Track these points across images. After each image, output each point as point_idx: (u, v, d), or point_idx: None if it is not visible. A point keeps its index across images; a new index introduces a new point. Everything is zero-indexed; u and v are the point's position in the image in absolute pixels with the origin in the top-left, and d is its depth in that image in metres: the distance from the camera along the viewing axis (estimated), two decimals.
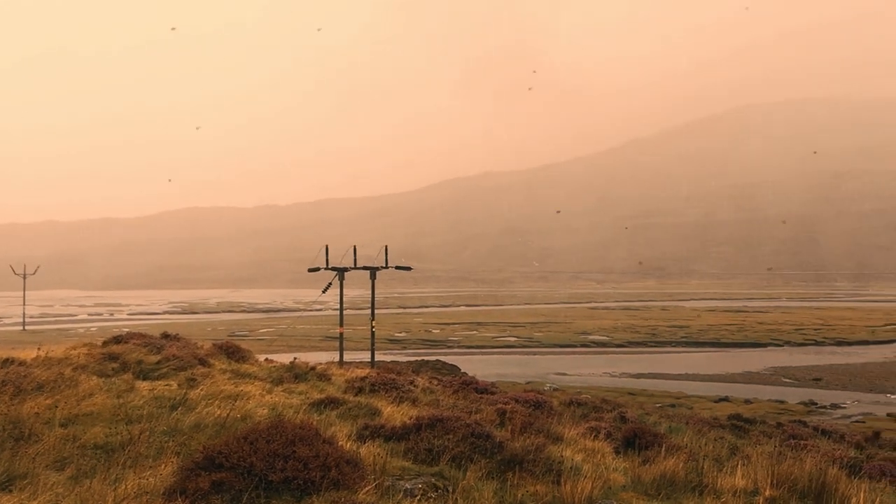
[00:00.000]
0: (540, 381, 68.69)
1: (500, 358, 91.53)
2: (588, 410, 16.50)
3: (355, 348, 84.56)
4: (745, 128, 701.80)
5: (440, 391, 15.74)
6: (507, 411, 12.28)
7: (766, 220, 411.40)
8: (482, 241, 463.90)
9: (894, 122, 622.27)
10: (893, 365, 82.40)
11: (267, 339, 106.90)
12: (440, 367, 64.25)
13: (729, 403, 57.00)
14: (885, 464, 13.25)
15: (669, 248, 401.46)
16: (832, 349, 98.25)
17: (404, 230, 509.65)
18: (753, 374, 77.24)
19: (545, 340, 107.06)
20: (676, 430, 14.60)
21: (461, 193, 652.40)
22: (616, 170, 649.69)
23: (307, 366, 16.55)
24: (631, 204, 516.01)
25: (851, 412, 56.61)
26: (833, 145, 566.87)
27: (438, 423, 10.37)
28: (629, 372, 79.18)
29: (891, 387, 69.00)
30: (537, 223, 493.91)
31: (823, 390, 67.36)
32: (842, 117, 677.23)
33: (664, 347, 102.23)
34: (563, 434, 11.72)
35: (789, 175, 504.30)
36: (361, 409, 11.89)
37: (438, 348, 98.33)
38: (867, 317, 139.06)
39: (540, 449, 9.74)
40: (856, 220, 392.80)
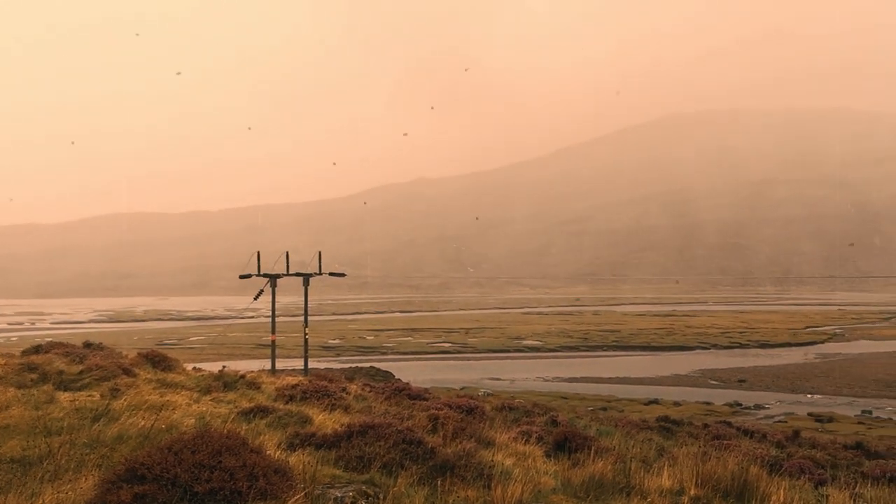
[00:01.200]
0: (474, 386, 68.95)
1: (434, 364, 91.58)
2: (520, 415, 16.62)
3: (288, 356, 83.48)
4: (674, 137, 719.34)
5: (373, 398, 15.64)
6: (439, 417, 12.27)
7: (695, 227, 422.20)
8: (417, 247, 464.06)
9: (815, 133, 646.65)
10: (813, 366, 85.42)
11: (197, 347, 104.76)
12: (374, 374, 63.95)
13: (659, 406, 58.23)
14: (804, 462, 13.71)
15: (602, 254, 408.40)
16: (756, 352, 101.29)
17: (339, 236, 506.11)
18: (682, 377, 79.08)
19: (480, 346, 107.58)
20: (606, 432, 14.82)
21: (396, 199, 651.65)
22: (550, 177, 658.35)
23: (237, 374, 16.25)
24: (564, 210, 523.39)
25: (774, 412, 58.45)
26: (758, 154, 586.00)
27: (370, 430, 10.31)
28: (562, 376, 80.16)
29: (811, 387, 71.51)
30: (472, 229, 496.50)
31: (748, 391, 69.39)
32: (766, 127, 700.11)
33: (596, 352, 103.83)
34: (495, 439, 11.77)
35: (717, 183, 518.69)
36: (292, 417, 11.73)
37: (373, 355, 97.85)
38: (789, 320, 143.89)
39: (471, 454, 9.76)
40: (779, 227, 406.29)
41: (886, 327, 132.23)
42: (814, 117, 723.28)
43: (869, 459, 18.21)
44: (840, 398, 65.85)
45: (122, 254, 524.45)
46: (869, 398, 65.55)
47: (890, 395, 66.77)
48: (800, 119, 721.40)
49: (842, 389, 70.09)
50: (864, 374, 78.52)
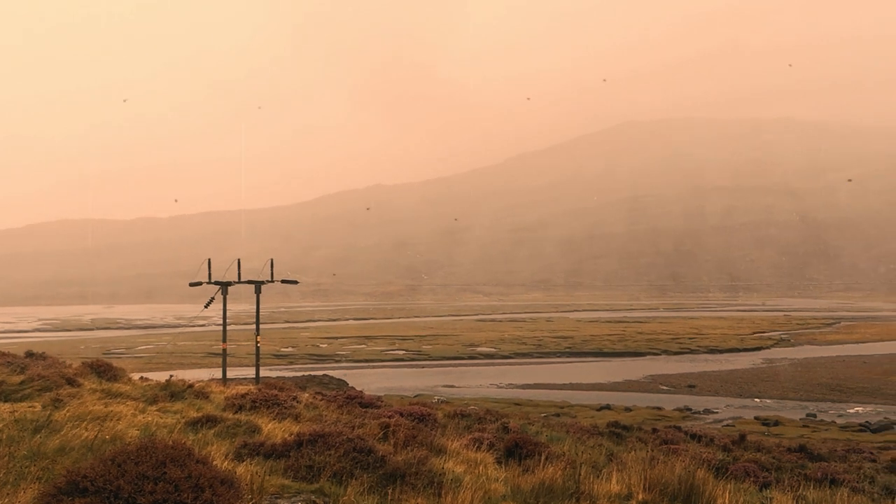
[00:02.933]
0: (428, 393, 68.89)
1: (388, 371, 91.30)
2: (472, 422, 16.64)
3: (240, 364, 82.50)
4: (628, 145, 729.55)
5: (324, 406, 15.52)
6: (390, 425, 12.23)
7: (648, 234, 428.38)
8: (371, 254, 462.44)
9: (763, 143, 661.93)
10: (760, 371, 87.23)
11: (145, 356, 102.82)
12: (327, 382, 63.52)
13: (610, 411, 58.84)
14: (750, 465, 13.97)
15: (556, 261, 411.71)
16: (705, 357, 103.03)
17: (292, 243, 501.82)
18: (633, 383, 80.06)
19: (434, 353, 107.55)
20: (557, 438, 14.92)
21: (351, 206, 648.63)
22: (505, 184, 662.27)
23: (184, 384, 15.99)
24: (519, 217, 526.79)
25: (723, 416, 59.52)
26: (710, 163, 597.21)
27: (320, 439, 10.23)
28: (516, 383, 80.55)
29: (758, 391, 72.99)
30: (427, 236, 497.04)
31: (697, 396, 70.52)
32: (717, 137, 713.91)
33: (550, 358, 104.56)
34: (447, 446, 11.77)
35: (670, 191, 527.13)
36: (240, 426, 11.58)
37: (326, 363, 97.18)
38: (737, 326, 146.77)
39: (422, 462, 9.75)
40: (729, 235, 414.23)
41: (830, 332, 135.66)
42: (762, 128, 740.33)
43: (812, 462, 18.64)
44: (786, 402, 67.31)
45: (69, 261, 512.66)
46: (813, 402, 67.13)
47: (833, 399, 68.47)
48: (749, 129, 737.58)
49: (787, 393, 71.65)
50: (809, 378, 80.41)
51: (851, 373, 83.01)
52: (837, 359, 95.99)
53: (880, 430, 51.48)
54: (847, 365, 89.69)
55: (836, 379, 79.06)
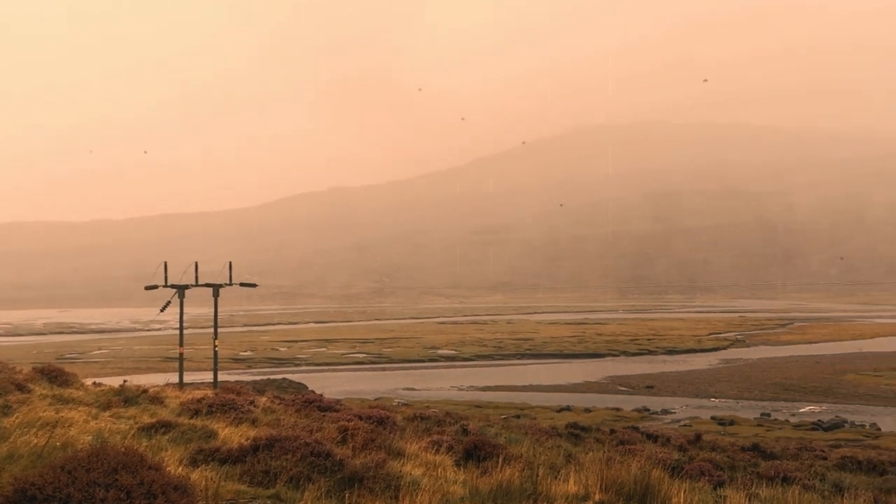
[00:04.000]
0: (389, 396, 68.75)
1: (349, 375, 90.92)
2: (431, 424, 16.64)
3: (198, 369, 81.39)
4: (588, 148, 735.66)
5: (282, 410, 15.39)
6: (349, 428, 12.17)
7: (607, 237, 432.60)
8: (331, 257, 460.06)
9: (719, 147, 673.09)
10: (717, 371, 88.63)
11: (100, 361, 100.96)
12: (286, 386, 63.02)
13: (570, 412, 59.28)
14: (705, 464, 14.19)
15: (517, 264, 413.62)
16: (663, 358, 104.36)
17: (251, 246, 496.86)
18: (593, 384, 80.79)
19: (394, 356, 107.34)
20: (516, 440, 14.99)
21: (313, 209, 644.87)
22: (466, 186, 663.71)
23: (139, 388, 15.73)
24: (480, 220, 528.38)
25: (680, 416, 60.36)
26: (668, 167, 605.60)
27: (277, 444, 10.15)
28: (477, 385, 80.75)
29: (714, 391, 74.17)
30: (389, 239, 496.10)
31: (656, 397, 71.41)
32: (675, 141, 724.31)
33: (510, 360, 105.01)
34: (405, 449, 11.75)
35: (629, 194, 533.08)
36: (196, 432, 11.43)
37: (285, 366, 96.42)
38: (694, 327, 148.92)
39: (380, 465, 9.72)
40: (687, 238, 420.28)
41: (784, 333, 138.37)
42: (718, 132, 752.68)
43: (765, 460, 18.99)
44: (741, 401, 68.48)
45: (22, 264, 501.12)
46: (768, 401, 68.40)
47: (787, 398, 69.83)
48: (706, 134, 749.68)
49: (743, 393, 72.91)
50: (764, 378, 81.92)
51: (804, 373, 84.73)
52: (791, 359, 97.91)
53: (832, 428, 52.64)
54: (800, 365, 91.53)
55: (790, 379, 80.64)
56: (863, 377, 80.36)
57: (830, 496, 11.99)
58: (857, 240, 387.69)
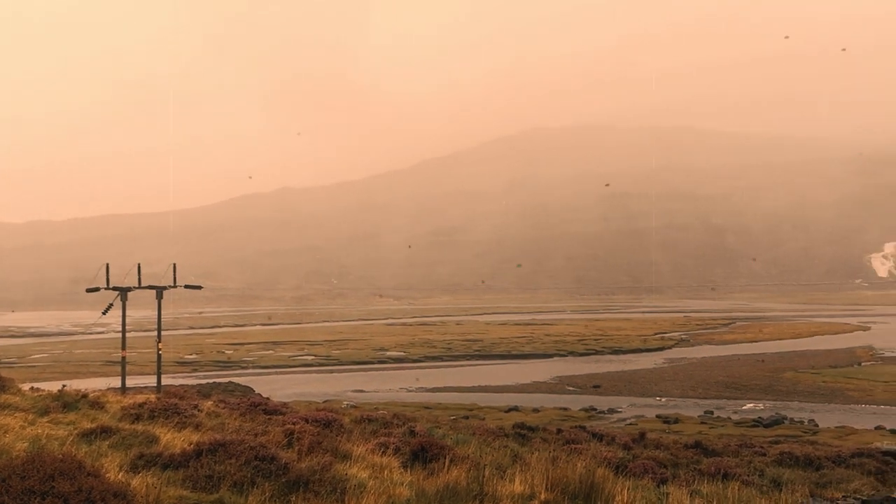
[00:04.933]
0: (337, 398, 68.37)
1: (297, 377, 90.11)
2: (379, 426, 16.59)
3: (141, 373, 79.79)
4: (537, 150, 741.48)
5: (227, 414, 15.19)
6: (295, 431, 12.08)
7: (556, 239, 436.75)
8: (279, 258, 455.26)
9: (665, 150, 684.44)
10: (662, 371, 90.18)
11: (39, 365, 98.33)
12: (232, 389, 62.21)
13: (518, 413, 59.67)
14: (648, 462, 14.43)
15: (466, 265, 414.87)
16: (610, 358, 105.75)
17: (196, 247, 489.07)
18: (541, 384, 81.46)
19: (343, 358, 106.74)
20: (463, 440, 15.04)
21: (258, 209, 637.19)
22: (415, 187, 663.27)
23: (78, 393, 15.35)
24: (429, 221, 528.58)
25: (626, 415, 61.24)
26: (615, 169, 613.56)
27: (221, 448, 10.03)
28: (426, 386, 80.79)
29: (659, 390, 75.44)
30: (337, 240, 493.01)
31: (603, 396, 72.33)
32: (622, 143, 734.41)
33: (459, 361, 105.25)
34: (352, 451, 11.71)
35: (577, 195, 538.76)
36: (137, 437, 11.23)
37: (232, 370, 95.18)
38: (640, 327, 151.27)
39: (326, 468, 9.68)
40: (634, 239, 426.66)
41: (726, 332, 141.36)
42: (664, 135, 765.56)
43: (707, 457, 19.38)
44: (686, 400, 69.79)
45: None
46: (711, 399, 69.82)
47: (729, 396, 71.39)
48: (652, 136, 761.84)
49: (687, 392, 74.31)
50: (707, 376, 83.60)
51: (746, 371, 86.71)
52: (733, 358, 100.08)
53: (772, 424, 53.99)
54: (742, 363, 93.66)
55: (732, 377, 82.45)
56: (801, 375, 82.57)
57: (769, 491, 12.28)
58: (797, 241, 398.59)
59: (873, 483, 15.21)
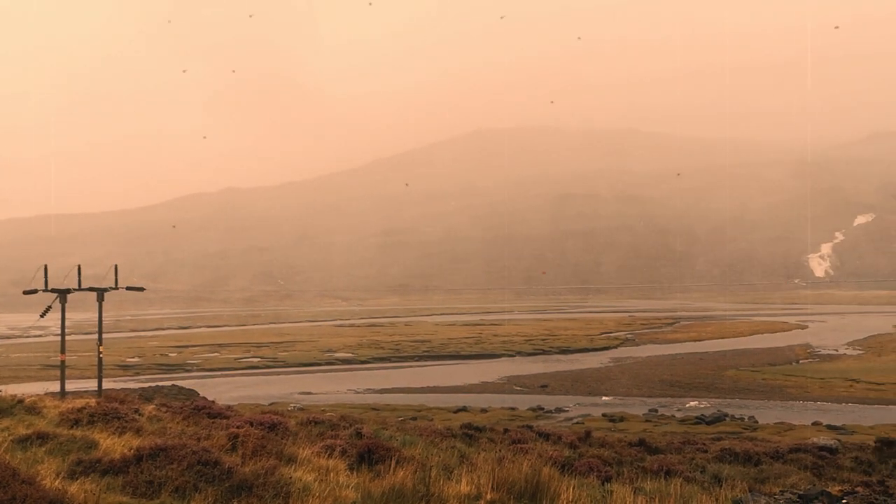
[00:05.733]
0: (285, 401, 67.70)
1: (243, 380, 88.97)
2: (325, 429, 16.46)
3: (81, 377, 77.96)
4: (485, 151, 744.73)
5: (169, 418, 14.91)
6: (239, 435, 11.92)
7: (504, 239, 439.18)
8: (225, 259, 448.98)
9: (610, 152, 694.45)
10: (608, 370, 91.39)
11: None
12: (176, 393, 61.15)
13: (467, 413, 59.85)
14: (593, 460, 14.61)
15: (414, 266, 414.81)
16: (557, 357, 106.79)
17: (139, 248, 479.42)
18: (489, 384, 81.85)
19: (290, 360, 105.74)
20: (410, 442, 15.02)
21: (204, 210, 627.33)
22: (363, 188, 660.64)
23: (14, 398, 14.91)
24: (377, 222, 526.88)
25: (573, 414, 61.91)
26: (562, 171, 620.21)
27: (162, 453, 9.86)
28: (374, 388, 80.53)
29: (605, 389, 76.46)
30: (283, 241, 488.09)
31: (550, 396, 72.98)
32: (568, 146, 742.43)
33: (408, 362, 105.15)
34: (298, 454, 11.61)
35: (524, 196, 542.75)
36: (76, 443, 10.96)
37: (176, 373, 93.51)
38: (587, 327, 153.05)
39: (270, 472, 9.59)
40: (580, 240, 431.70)
41: (671, 331, 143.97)
42: (609, 137, 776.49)
43: (650, 455, 19.70)
44: (631, 398, 70.83)
45: None
46: (656, 397, 71.00)
47: (673, 395, 72.71)
48: (597, 138, 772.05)
49: (632, 390, 75.43)
50: (652, 375, 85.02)
51: (690, 369, 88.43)
52: (677, 356, 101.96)
53: (714, 422, 55.16)
54: (686, 362, 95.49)
55: (676, 376, 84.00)
56: (742, 373, 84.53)
57: (710, 487, 12.54)
58: (739, 242, 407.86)
59: (809, 477, 15.65)
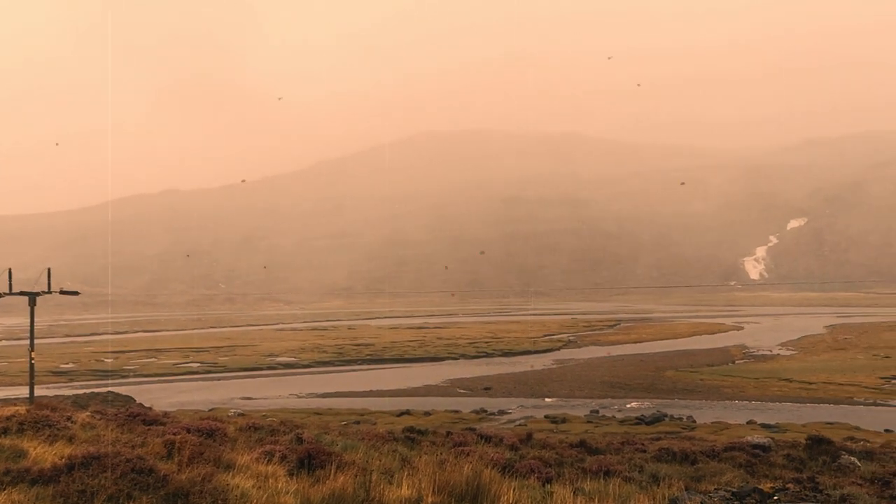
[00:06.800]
0: (225, 406, 66.65)
1: (182, 385, 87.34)
2: (265, 434, 16.24)
3: (11, 384, 75.66)
4: (429, 154, 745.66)
5: (103, 426, 14.53)
6: (175, 442, 11.69)
7: (448, 242, 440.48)
8: (164, 263, 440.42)
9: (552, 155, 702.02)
10: (550, 372, 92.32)
11: None
12: (112, 400, 59.69)
13: (410, 416, 59.77)
14: (535, 462, 14.73)
15: (358, 269, 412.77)
16: (500, 360, 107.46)
17: (74, 251, 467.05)
18: (433, 387, 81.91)
19: (231, 365, 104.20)
20: (352, 446, 14.93)
21: (142, 211, 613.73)
22: (306, 191, 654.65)
23: None
24: (320, 225, 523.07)
25: (516, 416, 62.34)
26: (506, 174, 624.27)
27: (95, 461, 9.62)
28: (316, 392, 79.87)
29: (547, 391, 77.23)
30: (224, 244, 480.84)
31: (493, 398, 73.37)
32: (512, 149, 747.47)
33: (351, 366, 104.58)
34: (236, 461, 11.43)
35: (469, 200, 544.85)
36: (4, 452, 10.64)
37: (112, 379, 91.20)
38: (530, 329, 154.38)
39: (207, 479, 9.43)
40: (523, 243, 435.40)
41: (612, 333, 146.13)
42: (552, 140, 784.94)
43: (591, 455, 19.95)
44: (573, 400, 71.65)
45: None
46: (597, 399, 71.96)
47: (614, 395, 73.79)
48: (538, 142, 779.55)
49: (574, 392, 76.34)
50: (593, 376, 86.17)
51: (630, 371, 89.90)
52: (618, 358, 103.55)
53: (653, 422, 56.17)
54: (626, 363, 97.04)
55: (617, 377, 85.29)
56: (681, 374, 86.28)
57: (648, 486, 12.74)
58: (678, 246, 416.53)
59: (743, 475, 16.04)
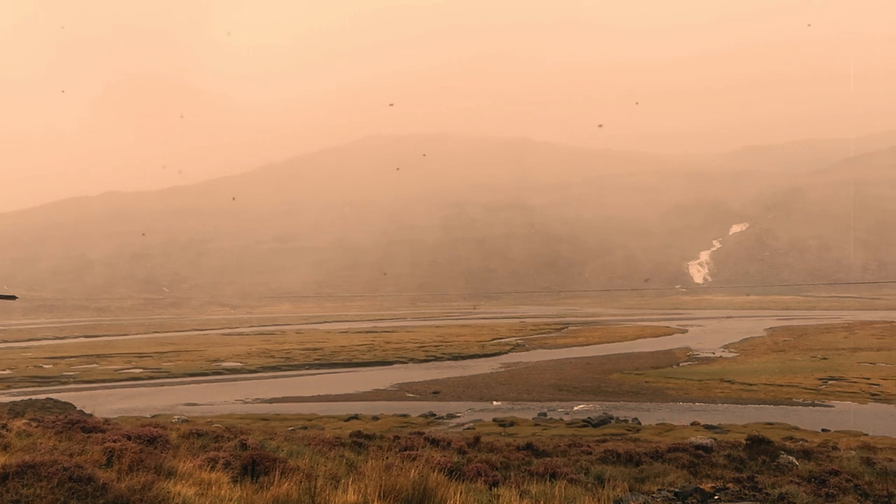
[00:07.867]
0: (168, 413, 65.44)
1: (124, 391, 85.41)
2: (209, 441, 15.97)
3: None
4: (375, 157, 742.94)
5: (40, 433, 14.12)
6: (115, 450, 11.43)
7: (397, 246, 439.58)
8: (105, 266, 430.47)
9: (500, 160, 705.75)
10: (499, 375, 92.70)
11: None
12: (50, 407, 58.08)
13: (358, 421, 59.43)
14: (482, 465, 14.75)
15: (306, 273, 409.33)
16: (449, 364, 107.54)
17: (9, 255, 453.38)
18: (381, 392, 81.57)
19: (175, 370, 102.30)
20: (298, 452, 14.77)
21: (82, 214, 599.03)
22: (252, 194, 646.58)
23: None
24: (267, 228, 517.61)
25: (464, 420, 62.43)
26: (454, 178, 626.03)
27: (30, 470, 9.33)
28: (263, 397, 78.92)
29: (496, 394, 77.53)
30: (167, 247, 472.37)
31: (442, 402, 73.40)
32: (460, 153, 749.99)
33: (299, 370, 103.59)
34: (178, 468, 11.23)
35: (415, 203, 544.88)
36: None
37: (51, 385, 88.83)
38: (478, 333, 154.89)
39: (148, 487, 9.24)
40: (472, 247, 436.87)
41: (559, 336, 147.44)
42: (499, 145, 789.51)
43: (537, 458, 20.08)
44: (521, 403, 72.06)
45: None
46: (545, 401, 72.49)
47: (562, 398, 74.43)
48: (487, 146, 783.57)
49: (522, 395, 76.78)
50: (541, 379, 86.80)
51: (577, 373, 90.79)
52: (565, 361, 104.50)
53: (600, 424, 56.79)
54: (574, 366, 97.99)
55: (564, 380, 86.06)
56: (627, 376, 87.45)
57: (593, 488, 12.88)
58: (624, 249, 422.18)
59: (686, 475, 16.31)
